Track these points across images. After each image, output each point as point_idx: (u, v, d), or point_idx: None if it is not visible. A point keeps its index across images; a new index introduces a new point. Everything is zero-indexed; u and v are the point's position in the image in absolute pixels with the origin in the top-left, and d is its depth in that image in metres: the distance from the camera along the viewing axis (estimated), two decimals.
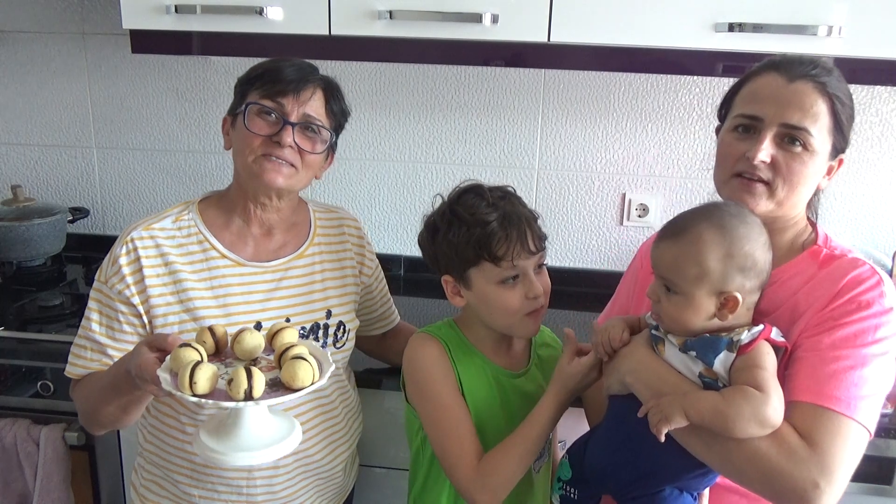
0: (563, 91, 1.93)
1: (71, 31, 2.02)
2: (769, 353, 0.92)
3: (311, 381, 0.92)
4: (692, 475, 0.99)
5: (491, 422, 1.14)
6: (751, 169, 0.99)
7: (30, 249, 1.95)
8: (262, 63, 1.22)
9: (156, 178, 2.13)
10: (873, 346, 0.92)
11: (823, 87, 0.97)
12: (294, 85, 1.16)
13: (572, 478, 1.10)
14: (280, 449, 0.96)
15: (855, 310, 0.94)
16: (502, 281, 1.09)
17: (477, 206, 1.10)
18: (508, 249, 1.07)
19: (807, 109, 0.97)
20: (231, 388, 0.89)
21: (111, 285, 1.16)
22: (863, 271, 0.97)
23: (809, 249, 1.03)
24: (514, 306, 1.10)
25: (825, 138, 0.98)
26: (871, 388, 0.92)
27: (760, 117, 0.99)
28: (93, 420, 1.19)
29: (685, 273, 0.94)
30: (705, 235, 0.94)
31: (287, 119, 1.15)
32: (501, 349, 1.19)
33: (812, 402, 0.91)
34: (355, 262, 1.34)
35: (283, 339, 0.99)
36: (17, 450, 1.55)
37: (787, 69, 1.00)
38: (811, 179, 1.00)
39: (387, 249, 2.09)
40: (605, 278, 2.03)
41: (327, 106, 1.21)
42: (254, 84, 1.18)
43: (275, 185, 1.17)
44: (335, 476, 1.31)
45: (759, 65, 1.04)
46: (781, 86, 0.99)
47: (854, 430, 0.90)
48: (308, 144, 1.19)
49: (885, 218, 1.92)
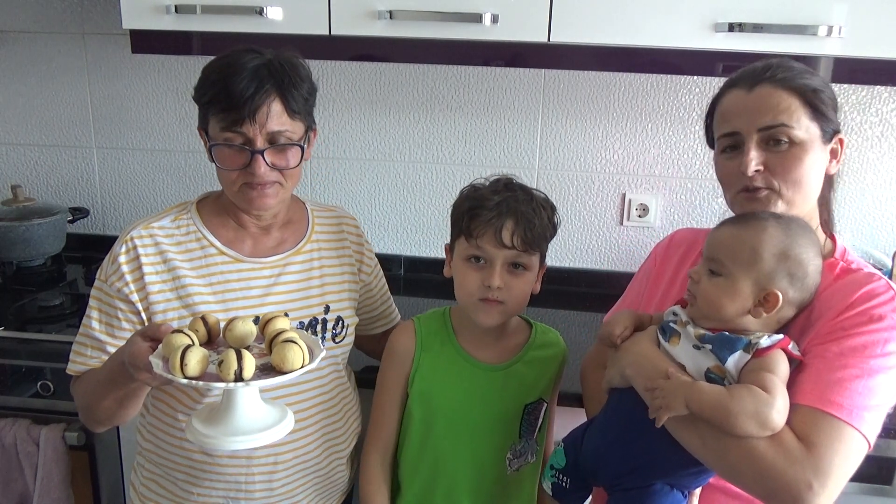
0: (563, 91, 1.93)
1: (71, 31, 2.02)
2: (783, 362, 0.92)
3: (302, 364, 0.93)
4: (685, 472, 0.99)
5: (447, 409, 1.19)
6: (750, 182, 1.00)
7: (30, 249, 1.96)
8: (209, 73, 1.14)
9: (156, 178, 2.13)
10: (881, 358, 0.92)
11: (784, 83, 0.99)
12: (248, 105, 1.09)
13: (566, 466, 1.10)
14: (271, 434, 0.96)
15: (866, 322, 0.93)
16: (467, 258, 1.15)
17: (485, 186, 1.16)
18: (479, 229, 1.11)
19: (776, 107, 0.98)
20: (221, 369, 0.89)
21: (111, 283, 1.17)
22: (878, 286, 0.97)
23: (826, 262, 1.02)
24: (469, 286, 1.14)
25: (808, 126, 0.99)
26: (875, 399, 0.91)
27: (737, 131, 1.01)
28: (91, 416, 1.19)
29: (738, 256, 0.95)
30: (770, 229, 0.95)
31: (253, 149, 1.11)
32: (486, 340, 1.21)
33: (814, 405, 0.90)
34: (354, 260, 1.34)
35: (275, 327, 0.99)
36: (17, 450, 1.55)
37: (744, 81, 1.02)
38: (812, 170, 1.00)
39: (387, 249, 2.09)
40: (605, 278, 2.03)
41: (288, 109, 1.13)
42: (209, 109, 1.13)
43: (266, 209, 1.19)
44: (334, 475, 1.31)
45: (722, 86, 1.07)
46: (744, 97, 1.01)
47: (853, 438, 0.89)
48: (283, 160, 1.15)
49: (885, 218, 1.92)
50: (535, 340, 1.24)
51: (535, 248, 1.13)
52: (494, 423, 1.20)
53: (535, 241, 1.12)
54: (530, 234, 1.11)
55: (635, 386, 1.00)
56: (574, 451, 1.10)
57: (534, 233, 1.12)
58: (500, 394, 1.20)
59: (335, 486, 1.34)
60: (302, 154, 1.18)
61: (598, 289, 2.03)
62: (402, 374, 1.22)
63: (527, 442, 1.22)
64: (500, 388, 1.20)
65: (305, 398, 1.22)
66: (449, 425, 1.20)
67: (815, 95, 0.99)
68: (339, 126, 2.02)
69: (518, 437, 1.21)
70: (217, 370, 0.90)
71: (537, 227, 1.12)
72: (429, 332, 1.23)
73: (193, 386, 0.90)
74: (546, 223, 1.15)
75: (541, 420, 1.24)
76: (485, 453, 1.21)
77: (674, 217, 1.99)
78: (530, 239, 1.12)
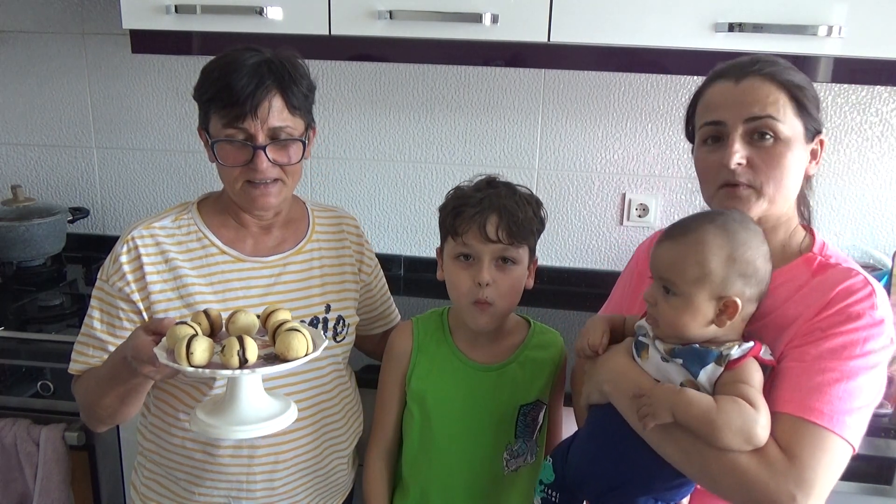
0: (562, 91, 1.93)
1: (71, 31, 2.02)
2: (757, 371, 0.90)
3: (306, 352, 0.93)
4: (668, 485, 0.97)
5: (442, 409, 1.20)
6: (732, 176, 0.98)
7: (30, 249, 1.96)
8: (210, 72, 1.14)
9: (156, 178, 2.13)
10: (861, 358, 0.90)
11: (772, 77, 0.97)
12: (250, 101, 1.10)
13: (554, 482, 1.08)
14: (275, 423, 0.97)
15: (844, 321, 0.91)
16: (456, 256, 1.15)
17: (469, 186, 1.18)
18: (464, 227, 1.12)
19: (764, 99, 0.96)
20: (224, 354, 0.90)
21: (112, 283, 1.17)
22: (855, 282, 0.94)
23: (804, 256, 1.01)
24: (461, 287, 1.15)
25: (793, 122, 0.97)
26: (857, 402, 0.89)
27: (723, 121, 0.99)
28: (93, 414, 1.19)
29: (686, 274, 0.92)
30: (709, 237, 0.92)
31: (255, 144, 1.12)
32: (482, 340, 1.21)
33: (795, 413, 0.89)
34: (354, 260, 1.34)
35: (277, 318, 1.00)
36: (17, 450, 1.55)
37: (732, 73, 1.00)
38: (793, 168, 0.98)
39: (387, 249, 2.09)
40: (605, 278, 2.02)
41: (289, 105, 1.14)
42: (210, 107, 1.14)
43: (268, 207, 1.19)
44: (335, 474, 1.31)
45: (706, 79, 1.05)
46: (732, 88, 0.99)
47: (836, 445, 0.88)
48: (284, 156, 1.16)
49: (885, 218, 1.92)
50: (532, 341, 1.24)
51: (521, 240, 1.13)
52: (489, 423, 1.20)
53: (520, 234, 1.13)
54: (515, 227, 1.12)
55: (613, 402, 0.99)
56: (561, 466, 1.08)
57: (518, 225, 1.12)
58: (493, 394, 1.20)
59: (336, 485, 1.34)
60: (303, 150, 1.19)
61: (598, 289, 2.02)
62: (400, 374, 1.23)
63: (524, 443, 1.22)
64: (493, 388, 1.20)
65: (307, 397, 1.22)
66: (444, 425, 1.20)
67: (800, 92, 0.97)
68: (339, 126, 2.02)
69: (514, 438, 1.21)
70: (220, 356, 0.91)
71: (521, 219, 1.13)
72: (426, 332, 1.24)
73: (199, 375, 0.90)
74: (531, 216, 1.15)
75: (541, 422, 1.23)
76: (480, 453, 1.21)
77: (674, 217, 1.97)
78: (515, 232, 1.12)
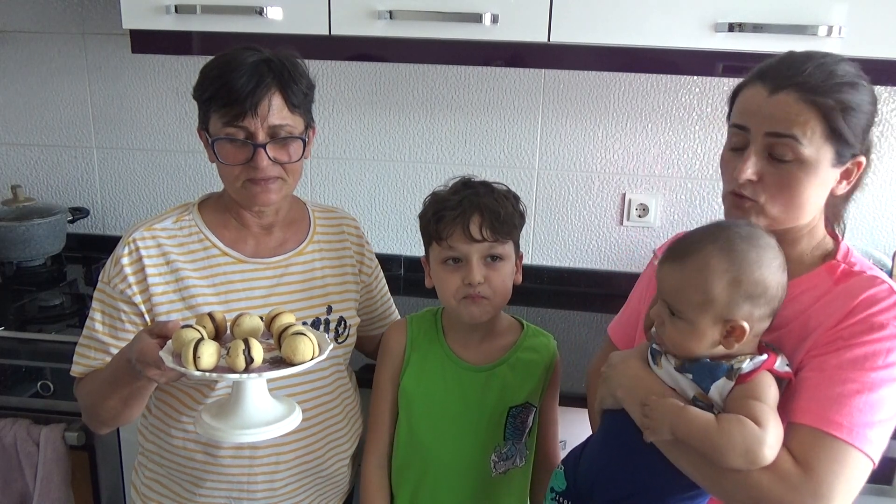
0: (562, 91, 1.93)
1: (71, 31, 2.02)
2: (771, 385, 0.87)
3: (312, 355, 0.93)
4: (681, 497, 0.96)
5: (432, 408, 1.20)
6: (739, 188, 0.95)
7: (30, 249, 1.96)
8: (209, 71, 1.14)
9: (156, 178, 2.13)
10: (884, 370, 0.86)
11: (813, 92, 0.90)
12: (250, 100, 1.10)
13: (566, 489, 1.07)
14: (280, 427, 0.96)
15: (867, 330, 0.88)
16: (444, 261, 1.16)
17: (445, 190, 1.18)
18: (447, 230, 1.13)
19: (792, 117, 0.90)
20: (229, 356, 0.90)
21: (113, 285, 1.17)
22: (880, 290, 0.90)
23: (827, 264, 0.97)
24: (450, 288, 1.15)
25: (820, 145, 0.91)
26: (879, 415, 0.86)
27: (747, 126, 0.95)
28: (95, 417, 1.19)
29: (689, 300, 0.90)
30: (711, 261, 0.88)
31: (255, 142, 1.12)
32: (472, 341, 1.22)
33: (813, 425, 0.86)
34: (355, 261, 1.34)
35: (282, 321, 1.00)
36: (17, 450, 1.55)
37: (772, 78, 0.93)
38: (809, 191, 0.93)
39: (387, 249, 2.09)
40: (605, 278, 2.03)
41: (288, 103, 1.14)
42: (210, 106, 1.14)
43: (269, 204, 1.19)
44: (336, 476, 1.31)
45: (751, 72, 0.98)
46: (764, 98, 0.93)
47: (856, 460, 0.85)
48: (285, 154, 1.16)
49: (885, 218, 1.92)
50: (523, 343, 1.24)
51: (505, 236, 1.14)
52: (476, 423, 1.20)
53: (504, 230, 1.13)
54: (498, 224, 1.12)
55: (626, 408, 0.97)
56: (573, 473, 1.06)
57: (501, 222, 1.13)
58: (481, 395, 1.20)
59: (337, 486, 1.34)
60: (303, 149, 1.19)
61: (598, 289, 2.03)
62: (395, 371, 1.24)
63: (513, 445, 1.22)
64: (482, 389, 1.20)
65: (309, 398, 1.22)
66: (432, 424, 1.20)
67: (840, 114, 0.90)
68: (339, 126, 2.02)
69: (503, 440, 1.21)
70: (226, 358, 0.91)
71: (503, 215, 1.13)
72: (419, 330, 1.24)
73: (206, 379, 0.90)
74: (512, 211, 1.16)
75: (530, 425, 1.23)
76: (467, 454, 1.20)
77: (674, 217, 1.99)
78: (499, 228, 1.13)
